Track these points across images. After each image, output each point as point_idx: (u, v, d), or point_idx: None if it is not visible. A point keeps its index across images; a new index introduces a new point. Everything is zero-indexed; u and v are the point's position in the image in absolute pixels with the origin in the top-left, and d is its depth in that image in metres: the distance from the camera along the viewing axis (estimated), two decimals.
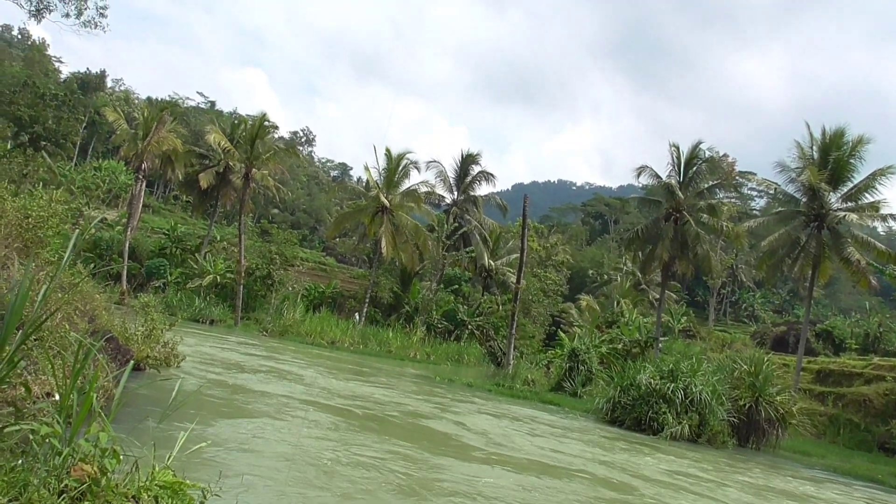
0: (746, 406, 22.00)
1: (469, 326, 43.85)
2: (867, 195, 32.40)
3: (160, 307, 18.48)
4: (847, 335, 55.37)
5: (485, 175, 53.30)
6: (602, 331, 38.88)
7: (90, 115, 74.44)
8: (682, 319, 47.72)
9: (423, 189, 49.01)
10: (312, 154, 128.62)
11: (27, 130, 61.35)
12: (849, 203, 32.86)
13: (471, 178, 53.12)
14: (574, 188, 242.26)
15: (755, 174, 45.88)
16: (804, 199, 33.80)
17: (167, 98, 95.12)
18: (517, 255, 37.38)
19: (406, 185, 47.35)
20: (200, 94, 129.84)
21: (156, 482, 4.59)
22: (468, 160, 53.40)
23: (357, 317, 44.31)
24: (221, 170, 49.88)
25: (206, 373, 16.19)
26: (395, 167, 46.56)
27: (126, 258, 42.84)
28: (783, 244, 34.33)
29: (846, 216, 31.81)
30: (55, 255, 12.48)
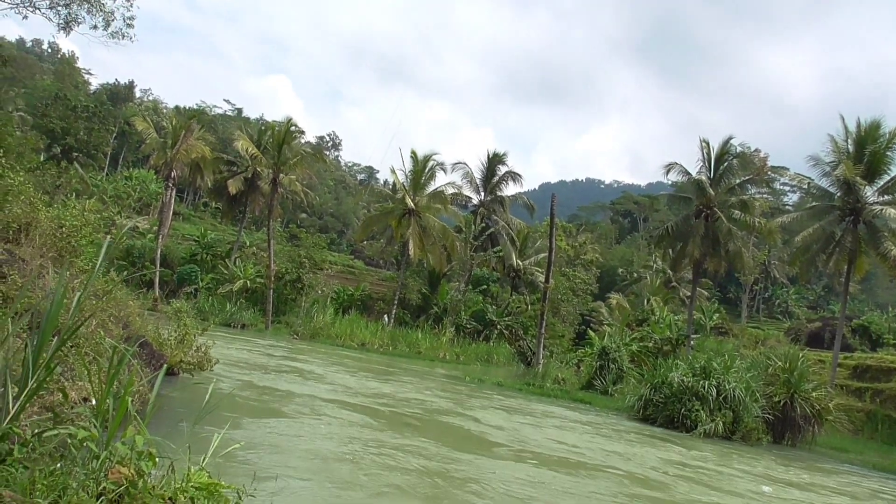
0: (781, 402, 21.65)
1: (498, 326, 43.72)
2: None
3: (192, 312, 18.71)
4: (884, 330, 54.13)
5: (511, 175, 53.11)
6: (632, 329, 38.50)
7: (120, 126, 75.79)
8: (714, 317, 47.01)
9: (450, 190, 48.97)
10: (339, 158, 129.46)
11: (60, 142, 62.66)
12: (885, 196, 32.14)
13: (497, 179, 52.98)
14: (602, 186, 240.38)
15: (788, 169, 44.98)
16: (839, 194, 33.14)
17: (195, 106, 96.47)
18: (545, 255, 37.19)
19: (433, 187, 47.36)
20: (227, 102, 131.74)
21: (191, 484, 4.65)
22: (494, 160, 53.26)
23: (386, 319, 44.47)
24: (249, 176, 50.45)
25: (238, 375, 16.39)
26: (422, 169, 46.62)
27: (158, 265, 43.51)
28: (817, 239, 33.68)
29: (883, 210, 31.08)
30: (89, 264, 12.72)
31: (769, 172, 56.39)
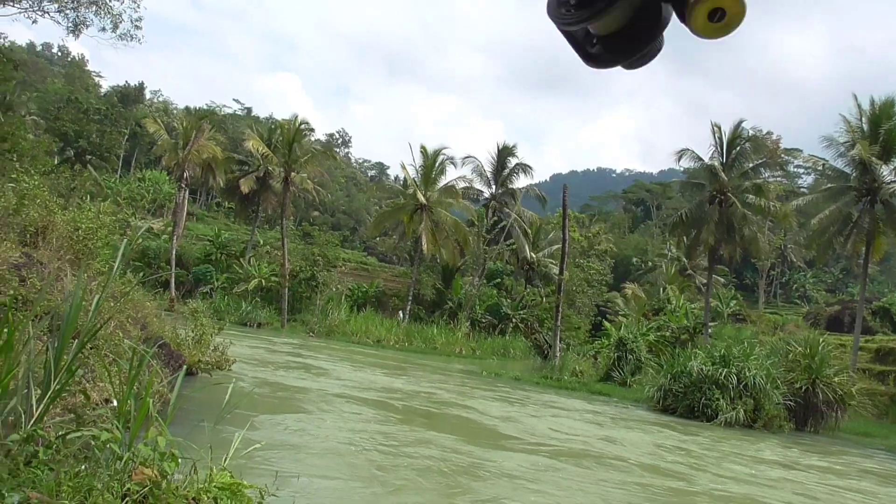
0: (803, 389, 21.43)
1: (513, 320, 43.63)
2: None
3: (208, 312, 18.78)
4: None
5: (522, 167, 52.87)
6: (649, 318, 38.30)
7: (131, 128, 76.11)
8: (732, 303, 46.69)
9: (461, 184, 48.81)
10: (349, 155, 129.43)
11: (73, 145, 63.07)
12: None
13: (508, 171, 52.72)
14: (614, 175, 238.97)
15: (801, 151, 44.61)
16: (854, 174, 32.68)
17: (205, 107, 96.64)
18: (559, 247, 37.00)
19: (443, 182, 47.18)
20: (237, 102, 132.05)
21: (214, 484, 4.64)
22: (504, 153, 53.01)
23: (401, 315, 44.48)
24: (261, 175, 50.58)
25: (256, 373, 16.43)
26: (432, 164, 46.47)
27: (173, 266, 43.74)
28: (834, 221, 33.28)
29: None
30: (105, 266, 12.78)
31: (782, 155, 55.87)
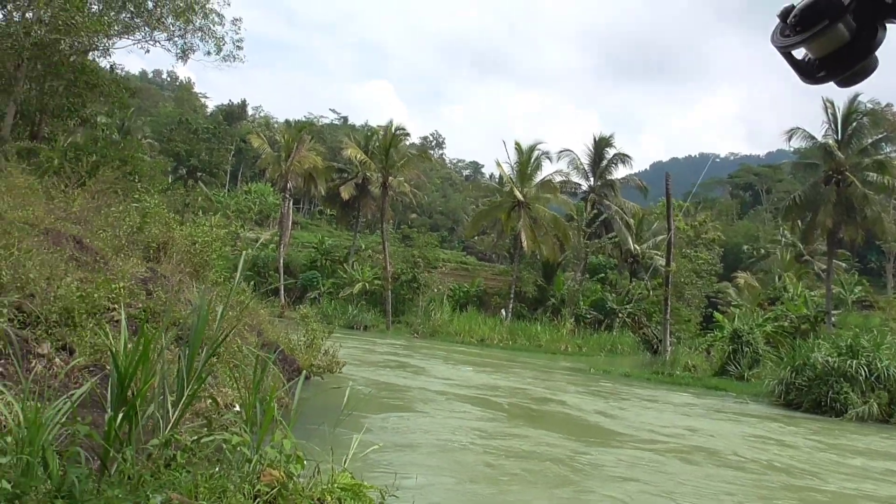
0: None
1: (620, 315, 42.67)
2: None
3: (317, 317, 19.40)
4: None
5: (620, 157, 51.59)
6: (765, 308, 36.39)
7: (237, 144, 79.96)
8: (856, 290, 43.58)
9: (558, 178, 48.30)
10: (443, 156, 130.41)
11: (185, 164, 66.94)
12: None
13: (606, 163, 51.56)
14: (718, 160, 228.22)
15: None
16: None
17: (303, 119, 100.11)
18: (664, 237, 35.87)
19: (540, 177, 46.85)
20: (333, 112, 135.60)
21: (337, 485, 4.74)
22: (601, 144, 51.86)
23: (503, 313, 44.39)
24: (360, 181, 51.83)
25: (366, 375, 16.79)
26: (527, 160, 46.18)
27: (282, 273, 45.53)
28: None
29: None
30: (220, 276, 13.45)
31: None
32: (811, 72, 1.18)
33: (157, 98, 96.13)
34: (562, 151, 51.35)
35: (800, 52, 1.19)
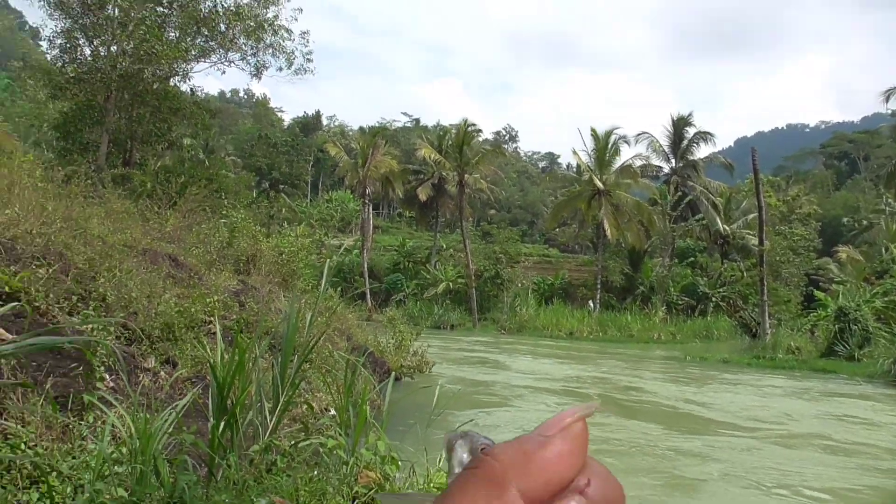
0: None
1: (713, 299, 41.49)
2: None
3: (404, 319, 19.63)
4: None
5: (702, 136, 49.94)
6: (872, 283, 34.23)
7: (314, 154, 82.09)
8: None
9: (638, 163, 47.24)
10: (518, 150, 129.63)
11: (267, 177, 69.27)
12: None
13: (687, 142, 50.00)
14: (807, 130, 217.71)
15: None
16: None
17: (376, 124, 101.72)
18: (755, 215, 34.35)
19: (619, 163, 45.90)
20: (405, 115, 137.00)
21: (433, 484, 4.73)
22: (680, 124, 50.31)
23: (591, 304, 43.71)
24: (436, 181, 52.17)
25: (455, 373, 16.84)
26: (604, 146, 45.30)
27: (366, 277, 46.36)
28: None
29: None
30: (308, 284, 13.81)
31: None
32: None
33: (237, 116, 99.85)
34: (640, 134, 50.18)
35: None
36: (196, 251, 11.26)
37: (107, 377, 5.60)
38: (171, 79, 22.72)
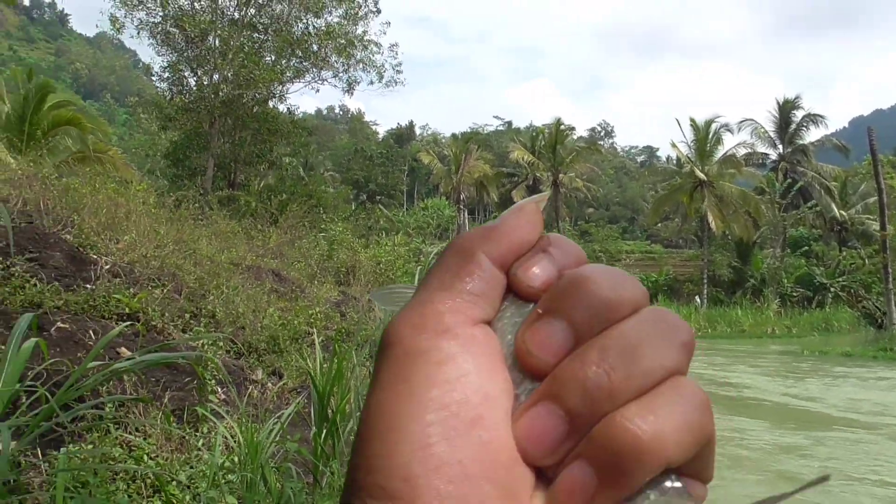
0: None
1: (832, 289, 39.46)
2: None
3: None
4: None
5: (811, 118, 47.65)
6: None
7: (409, 163, 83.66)
8: None
9: (742, 151, 45.79)
10: (614, 145, 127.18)
11: (364, 190, 71.18)
12: None
13: (795, 127, 47.83)
14: None
15: None
16: None
17: (468, 130, 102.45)
18: (875, 199, 32.17)
19: (721, 152, 44.51)
20: (496, 118, 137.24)
21: None
22: (787, 107, 48.18)
23: (697, 300, 42.35)
24: (531, 182, 51.96)
25: None
26: (705, 136, 43.94)
27: None
28: None
29: None
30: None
31: None
32: None
33: (334, 132, 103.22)
34: (742, 122, 48.52)
35: None
36: (298, 265, 11.72)
37: (218, 390, 5.90)
38: (269, 101, 23.82)
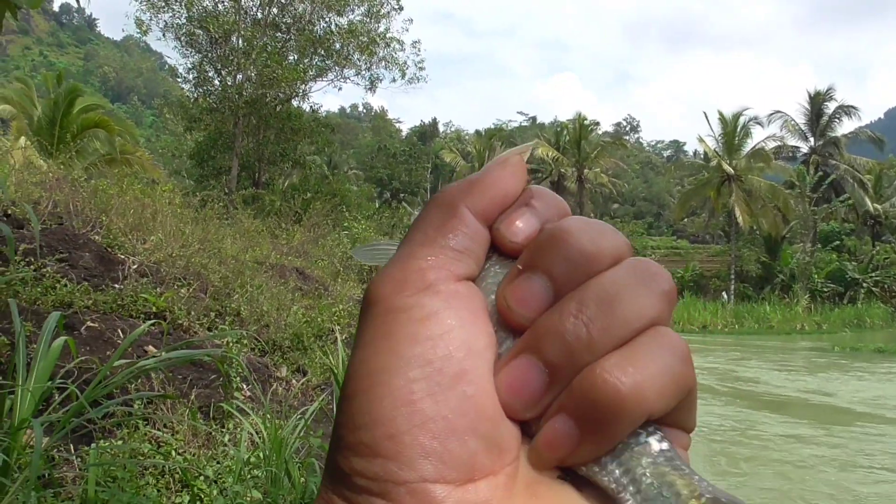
0: None
1: (864, 284, 38.86)
2: None
3: None
4: None
5: (844, 110, 46.83)
6: None
7: (432, 161, 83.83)
8: None
9: (771, 144, 45.09)
10: (640, 140, 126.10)
11: (388, 188, 71.48)
12: None
13: (827, 119, 47.02)
14: None
15: None
16: None
17: (492, 126, 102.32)
18: None
19: (749, 146, 43.90)
20: (521, 114, 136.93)
21: None
22: (818, 99, 47.39)
23: (724, 296, 41.95)
24: (556, 179, 51.71)
25: None
26: (733, 130, 43.41)
27: None
28: None
29: None
30: None
31: None
32: None
33: (357, 130, 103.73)
34: (772, 114, 47.83)
35: None
36: (321, 263, 11.81)
37: (244, 387, 5.99)
38: (292, 100, 24.01)
